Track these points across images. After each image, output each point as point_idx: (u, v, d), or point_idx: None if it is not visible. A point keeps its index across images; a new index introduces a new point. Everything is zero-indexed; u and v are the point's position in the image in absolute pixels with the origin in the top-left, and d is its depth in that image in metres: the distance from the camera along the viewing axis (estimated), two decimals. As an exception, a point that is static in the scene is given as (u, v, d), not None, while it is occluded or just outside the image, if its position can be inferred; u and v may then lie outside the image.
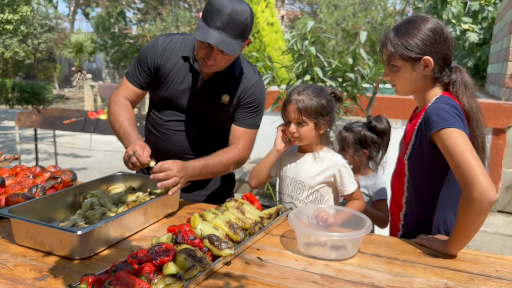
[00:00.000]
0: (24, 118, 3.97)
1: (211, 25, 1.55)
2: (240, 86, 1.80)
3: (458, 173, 1.29)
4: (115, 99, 1.83)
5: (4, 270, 1.21)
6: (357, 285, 1.18)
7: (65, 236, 1.24)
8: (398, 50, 1.41)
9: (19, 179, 1.84)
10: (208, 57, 1.62)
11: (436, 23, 1.42)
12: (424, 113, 1.42)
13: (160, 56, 1.76)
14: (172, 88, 1.78)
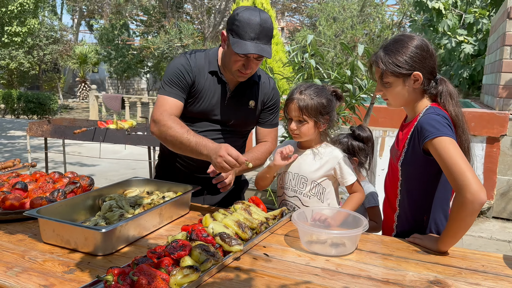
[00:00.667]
0: (35, 127, 4.11)
1: (245, 38, 1.70)
2: (261, 90, 1.98)
3: (451, 178, 1.41)
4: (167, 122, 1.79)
5: (35, 265, 1.33)
6: (355, 277, 1.30)
7: (90, 234, 1.37)
8: (390, 67, 1.53)
9: (39, 184, 1.98)
10: (246, 67, 1.77)
11: (421, 40, 1.55)
12: (417, 123, 1.55)
13: (194, 74, 1.87)
14: (206, 102, 1.89)
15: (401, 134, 1.67)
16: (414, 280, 1.29)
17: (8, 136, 9.51)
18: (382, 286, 1.25)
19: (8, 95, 13.98)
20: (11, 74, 18.98)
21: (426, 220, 1.63)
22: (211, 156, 1.68)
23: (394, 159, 1.68)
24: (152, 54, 10.94)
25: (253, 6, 1.89)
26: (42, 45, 17.08)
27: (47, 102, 13.65)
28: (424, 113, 1.56)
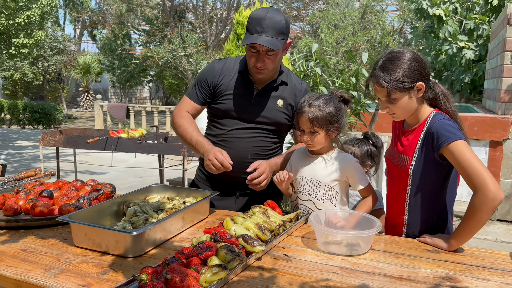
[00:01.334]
0: (48, 137, 4.22)
1: (253, 32, 1.86)
2: (291, 91, 2.08)
3: (469, 178, 1.51)
4: (180, 113, 2.09)
5: (70, 267, 1.42)
6: (371, 275, 1.39)
7: (121, 237, 1.46)
8: (394, 85, 1.60)
9: (64, 191, 2.07)
10: (257, 61, 1.90)
11: (412, 53, 1.65)
12: (428, 129, 1.62)
13: (217, 76, 2.04)
14: (232, 100, 2.03)
15: (405, 140, 1.73)
16: (426, 276, 1.38)
17: (16, 146, 9.63)
18: (397, 282, 1.33)
19: (14, 105, 14.16)
20: (15, 85, 19.19)
21: (436, 220, 1.71)
22: (204, 156, 1.91)
23: (400, 166, 1.73)
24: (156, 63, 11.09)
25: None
26: (46, 56, 17.30)
27: (52, 112, 13.82)
28: (434, 119, 1.64)
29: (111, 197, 2.03)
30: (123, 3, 15.33)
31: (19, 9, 8.58)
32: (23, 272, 1.37)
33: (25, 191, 2.08)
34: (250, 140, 2.05)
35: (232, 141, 2.06)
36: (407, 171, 1.70)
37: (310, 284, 1.31)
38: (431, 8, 7.33)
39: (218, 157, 1.83)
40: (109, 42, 17.76)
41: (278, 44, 1.86)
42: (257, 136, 2.06)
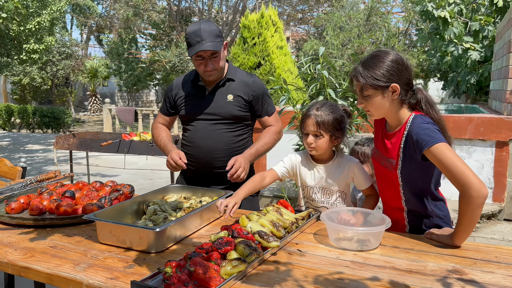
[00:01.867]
0: (62, 141, 4.33)
1: (194, 43, 2.15)
2: (240, 85, 2.32)
3: (453, 179, 1.57)
4: (154, 125, 2.53)
5: (97, 262, 1.51)
6: (382, 268, 1.46)
7: (145, 233, 1.55)
8: (369, 81, 1.66)
9: (84, 192, 2.17)
10: (206, 66, 2.19)
11: (396, 55, 1.70)
12: (408, 133, 1.67)
13: (175, 90, 2.40)
14: (189, 105, 2.35)
15: (388, 143, 1.78)
16: (434, 269, 1.45)
17: (27, 150, 9.79)
18: (406, 274, 1.41)
19: (24, 110, 14.38)
20: (24, 90, 19.45)
21: (434, 209, 1.81)
22: (168, 156, 2.23)
23: (388, 167, 1.78)
24: (163, 67, 11.22)
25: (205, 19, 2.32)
26: (55, 60, 17.54)
27: (61, 116, 14.03)
28: (413, 123, 1.68)
29: (130, 197, 2.12)
30: (129, 8, 15.52)
31: (29, 16, 8.76)
32: (54, 267, 1.47)
33: (48, 192, 2.18)
34: (214, 137, 2.30)
35: (198, 141, 2.32)
36: (396, 172, 1.75)
37: (324, 277, 1.39)
38: (436, 10, 7.39)
39: (173, 157, 2.18)
40: (116, 47, 17.97)
41: (218, 45, 2.16)
42: (219, 132, 2.30)
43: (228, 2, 16.05)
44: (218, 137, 2.29)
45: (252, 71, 9.19)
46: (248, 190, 1.94)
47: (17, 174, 2.84)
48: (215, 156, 2.28)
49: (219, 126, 2.30)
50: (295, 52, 18.52)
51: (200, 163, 2.32)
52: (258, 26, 9.08)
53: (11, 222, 1.87)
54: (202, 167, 2.32)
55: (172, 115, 2.49)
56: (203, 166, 2.32)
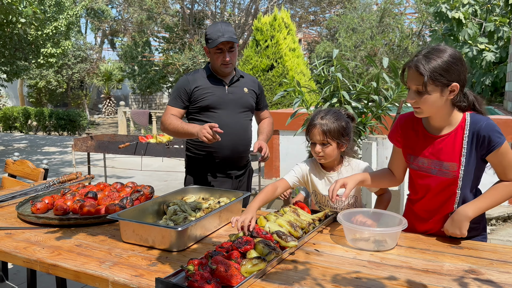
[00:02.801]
0: (80, 143, 4.43)
1: (215, 37, 2.41)
2: (248, 81, 2.66)
3: (506, 173, 1.66)
4: (167, 117, 2.55)
5: (122, 260, 1.57)
6: (398, 268, 1.49)
7: (167, 232, 1.60)
8: (433, 76, 1.55)
9: (106, 193, 2.23)
10: (224, 58, 2.45)
11: (459, 53, 1.64)
12: (479, 132, 1.63)
13: (192, 84, 2.53)
14: (211, 96, 2.52)
15: (440, 146, 1.69)
16: (450, 269, 1.47)
17: (44, 152, 9.99)
18: (422, 274, 1.43)
19: (41, 112, 14.67)
20: (40, 93, 19.83)
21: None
22: (197, 131, 2.30)
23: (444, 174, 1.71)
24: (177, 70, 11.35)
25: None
26: (70, 64, 17.86)
27: (77, 119, 14.28)
28: (477, 121, 1.64)
29: (150, 198, 2.18)
30: (143, 12, 15.72)
31: (47, 20, 8.95)
32: (80, 264, 1.53)
33: (70, 192, 2.26)
34: (238, 124, 2.55)
35: (224, 128, 2.40)
36: (456, 177, 1.68)
37: (342, 276, 1.42)
38: (450, 11, 7.35)
39: (210, 125, 2.26)
40: (130, 50, 18.21)
41: (236, 39, 2.45)
42: (242, 120, 2.57)
43: (240, 5, 16.15)
44: (242, 124, 2.58)
45: (264, 73, 9.24)
46: (261, 202, 1.89)
47: (40, 175, 2.93)
48: (239, 141, 2.54)
49: (241, 114, 2.57)
50: (307, 54, 18.50)
51: (225, 148, 2.51)
52: (270, 28, 9.14)
53: (37, 221, 1.94)
54: (228, 152, 2.53)
55: (186, 108, 2.60)
56: (229, 150, 2.52)
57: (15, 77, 10.10)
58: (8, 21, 7.19)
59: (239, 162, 2.61)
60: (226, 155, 2.53)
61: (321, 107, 4.05)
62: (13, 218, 2.07)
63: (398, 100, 4.00)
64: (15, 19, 6.64)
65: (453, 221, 1.69)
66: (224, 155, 2.53)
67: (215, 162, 2.55)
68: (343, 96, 3.97)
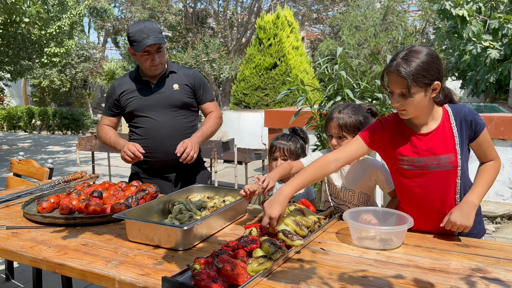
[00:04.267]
0: (84, 142, 4.45)
1: (140, 40, 2.31)
2: (182, 76, 2.52)
3: (486, 154, 1.75)
4: (100, 127, 2.58)
5: (128, 259, 1.57)
6: (405, 266, 1.49)
7: (173, 231, 1.60)
8: (416, 78, 1.57)
9: (111, 192, 2.24)
10: (153, 60, 2.36)
11: (433, 51, 1.66)
12: (466, 119, 1.69)
13: (117, 90, 2.50)
14: (136, 99, 2.45)
15: (430, 142, 1.71)
16: (457, 268, 1.47)
17: (48, 151, 10.03)
18: (429, 273, 1.43)
19: (44, 112, 14.73)
20: (43, 92, 19.89)
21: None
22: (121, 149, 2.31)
23: (443, 167, 1.72)
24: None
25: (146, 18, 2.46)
26: (74, 63, 17.90)
27: (80, 118, 14.33)
28: (458, 110, 1.71)
29: (155, 197, 2.18)
30: (145, 11, 15.73)
31: (50, 20, 8.97)
32: (87, 263, 1.53)
33: (76, 192, 2.26)
34: (169, 125, 2.45)
35: (154, 131, 2.42)
36: (456, 167, 1.71)
37: (349, 274, 1.42)
38: (454, 8, 7.31)
39: (130, 148, 2.26)
40: (133, 49, 18.20)
41: (163, 40, 2.36)
42: (173, 120, 2.46)
43: (243, 3, 16.13)
44: (173, 124, 2.45)
45: (268, 71, 9.23)
46: (278, 174, 1.95)
47: (45, 174, 2.94)
48: (173, 143, 2.37)
49: (172, 114, 2.46)
50: (310, 52, 18.47)
51: (159, 153, 2.43)
52: (273, 27, 9.13)
53: (43, 221, 1.95)
54: (162, 156, 2.44)
55: (117, 115, 2.57)
56: (163, 155, 2.43)
57: (19, 77, 10.15)
58: (12, 21, 7.21)
59: (178, 164, 2.38)
60: (161, 159, 2.45)
61: (325, 105, 4.05)
62: (19, 217, 2.08)
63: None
64: (19, 19, 6.66)
65: (462, 211, 1.66)
66: (157, 159, 2.45)
67: (150, 166, 2.49)
68: (347, 94, 3.96)
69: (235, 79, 10.25)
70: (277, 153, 2.24)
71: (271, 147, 2.27)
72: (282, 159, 2.22)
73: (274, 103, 8.71)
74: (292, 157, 2.23)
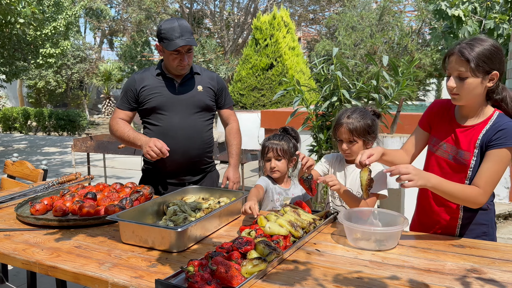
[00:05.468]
0: (79, 144, 4.42)
1: (173, 38, 2.24)
2: (206, 78, 2.51)
3: (483, 179, 1.63)
4: (115, 121, 2.45)
5: (121, 261, 1.56)
6: (400, 267, 1.48)
7: (167, 233, 1.59)
8: (477, 62, 1.58)
9: (105, 193, 2.22)
10: (182, 60, 2.31)
11: (498, 43, 1.65)
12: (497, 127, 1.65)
13: (138, 84, 2.41)
14: (158, 96, 2.39)
15: (463, 135, 1.73)
16: (452, 269, 1.46)
17: (43, 153, 9.98)
18: (424, 274, 1.42)
19: (40, 113, 14.67)
20: (39, 93, 19.82)
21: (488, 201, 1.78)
22: (143, 146, 2.24)
23: (458, 161, 1.74)
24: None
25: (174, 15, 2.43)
26: (69, 64, 17.85)
27: (76, 119, 14.28)
28: (502, 119, 1.67)
29: (150, 198, 2.17)
30: (142, 11, 15.70)
31: (46, 20, 8.94)
32: (80, 266, 1.52)
33: (70, 193, 2.24)
34: (189, 125, 2.40)
35: (174, 130, 2.36)
36: (468, 166, 1.71)
37: (344, 276, 1.41)
38: (450, 8, 7.33)
39: (156, 144, 2.17)
40: (129, 50, 18.19)
41: (195, 42, 2.31)
42: (194, 121, 2.42)
43: (239, 3, 16.13)
44: (194, 125, 2.41)
45: (264, 72, 9.22)
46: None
47: (39, 176, 2.92)
48: (191, 144, 2.38)
49: (193, 115, 2.42)
50: (307, 52, 18.49)
51: (177, 153, 2.34)
52: (270, 27, 9.13)
53: (36, 223, 1.93)
54: (179, 157, 2.38)
55: (134, 110, 2.47)
56: (180, 155, 2.37)
57: (14, 78, 10.09)
58: (7, 22, 7.18)
59: (193, 167, 2.44)
60: (176, 160, 2.37)
61: (321, 105, 4.04)
62: (12, 219, 2.06)
63: (398, 98, 3.99)
64: (14, 20, 6.63)
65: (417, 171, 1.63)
66: (174, 160, 2.36)
67: (166, 168, 2.41)
68: (343, 95, 3.96)
69: (231, 79, 10.24)
70: (270, 153, 2.23)
71: (264, 148, 2.26)
72: (275, 159, 2.22)
73: (270, 103, 8.71)
74: (285, 156, 2.23)
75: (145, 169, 2.59)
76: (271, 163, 2.22)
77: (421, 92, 17.19)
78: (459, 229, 1.81)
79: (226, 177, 2.51)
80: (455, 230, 1.81)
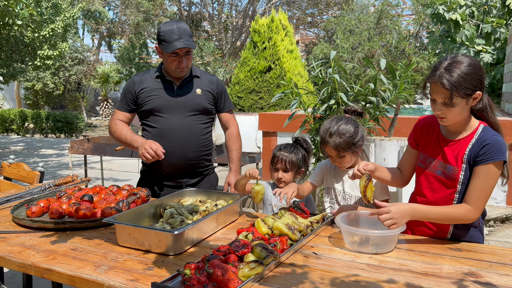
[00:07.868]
0: (76, 146, 4.41)
1: (171, 41, 2.26)
2: (205, 82, 2.50)
3: (472, 195, 1.64)
4: (114, 122, 2.48)
5: (118, 264, 1.55)
6: (397, 271, 1.48)
7: (163, 236, 1.58)
8: (458, 89, 1.59)
9: (102, 196, 2.21)
10: (181, 63, 2.31)
11: (475, 61, 1.65)
12: (483, 141, 1.64)
13: (137, 86, 2.43)
14: (156, 99, 2.40)
15: (449, 150, 1.73)
16: (450, 272, 1.46)
17: (41, 155, 9.95)
18: (422, 277, 1.42)
19: (37, 115, 14.63)
20: (37, 95, 19.77)
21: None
22: (139, 148, 2.27)
23: (446, 176, 1.74)
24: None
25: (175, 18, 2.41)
26: (67, 66, 17.83)
27: (74, 121, 14.25)
28: (487, 133, 1.67)
29: (147, 201, 2.16)
30: (140, 14, 15.71)
31: (44, 22, 8.93)
32: (75, 269, 1.51)
33: (66, 196, 2.23)
34: (187, 128, 2.40)
35: (171, 132, 2.37)
36: (457, 180, 1.71)
37: (341, 279, 1.41)
38: (447, 12, 7.36)
39: (152, 146, 2.19)
40: (127, 52, 18.18)
41: (193, 44, 2.32)
42: (191, 124, 2.42)
43: (237, 6, 16.16)
44: (191, 128, 2.41)
45: (262, 75, 9.23)
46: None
47: (35, 178, 2.90)
48: (188, 147, 2.38)
49: (191, 118, 2.42)
50: (305, 55, 18.53)
51: (173, 155, 2.35)
52: (268, 30, 9.14)
53: (32, 225, 1.92)
54: (176, 160, 2.38)
55: (133, 111, 2.49)
56: (177, 158, 2.38)
57: (12, 80, 10.07)
58: (5, 23, 7.16)
59: (190, 169, 2.45)
60: (173, 162, 2.38)
61: (319, 108, 4.05)
62: (8, 221, 2.05)
63: (396, 102, 4.00)
64: (12, 21, 6.62)
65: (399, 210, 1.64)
66: (171, 162, 2.38)
67: (163, 170, 2.42)
68: (340, 98, 3.97)
69: (229, 82, 10.25)
70: (279, 164, 2.24)
71: (274, 157, 2.27)
72: (283, 170, 2.23)
73: (268, 106, 8.71)
74: (293, 168, 2.23)
75: (143, 170, 2.59)
76: (278, 174, 2.23)
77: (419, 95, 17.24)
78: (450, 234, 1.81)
79: (227, 183, 2.51)
80: (447, 234, 1.82)
